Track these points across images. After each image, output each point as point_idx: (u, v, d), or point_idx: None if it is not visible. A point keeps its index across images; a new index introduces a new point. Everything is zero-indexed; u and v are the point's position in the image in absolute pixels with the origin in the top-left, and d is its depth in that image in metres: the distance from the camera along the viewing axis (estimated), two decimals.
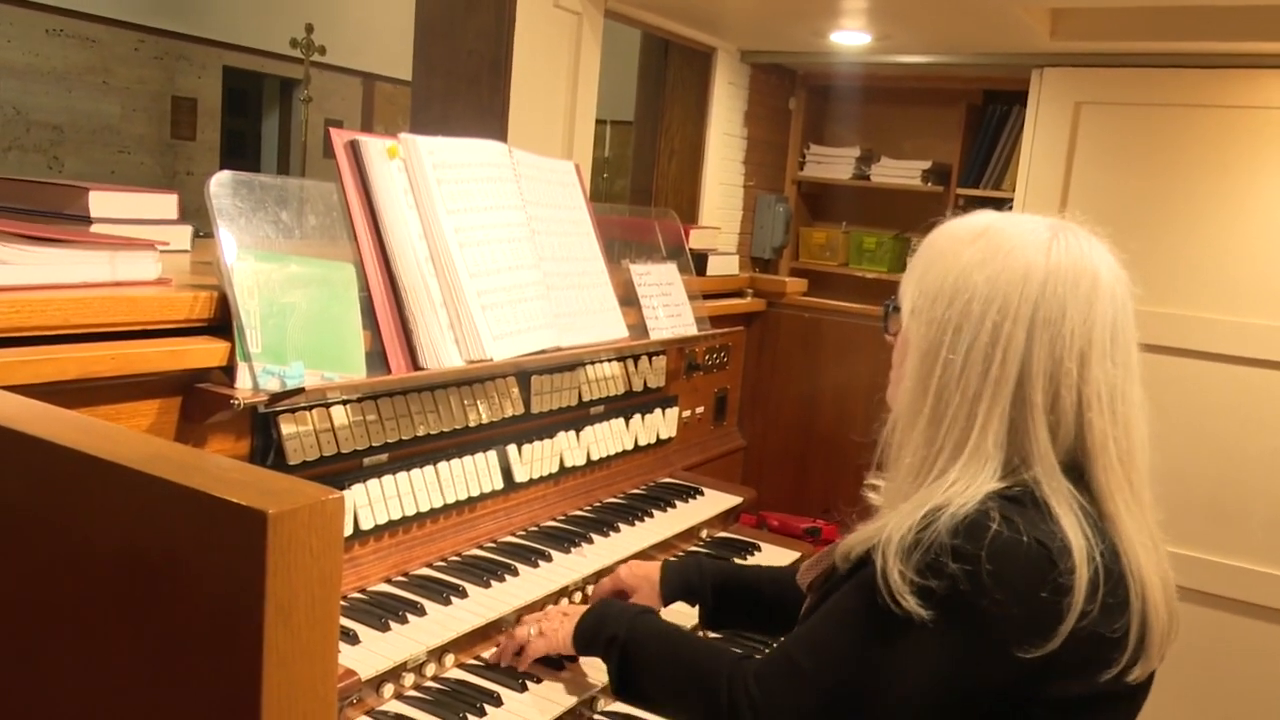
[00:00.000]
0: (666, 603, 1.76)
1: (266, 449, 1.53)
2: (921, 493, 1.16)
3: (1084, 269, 1.16)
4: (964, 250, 1.19)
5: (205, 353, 1.39)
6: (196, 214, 1.85)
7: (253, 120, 8.67)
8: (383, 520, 1.68)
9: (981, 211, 1.25)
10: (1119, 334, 1.16)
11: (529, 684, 1.57)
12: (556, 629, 1.56)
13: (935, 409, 1.17)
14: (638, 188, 4.18)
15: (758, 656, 1.29)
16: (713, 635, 1.81)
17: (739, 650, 1.69)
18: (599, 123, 3.35)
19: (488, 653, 1.66)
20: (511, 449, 1.95)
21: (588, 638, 1.51)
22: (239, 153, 8.31)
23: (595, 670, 1.58)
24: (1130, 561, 1.14)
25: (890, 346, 1.32)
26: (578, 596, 1.86)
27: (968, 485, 1.13)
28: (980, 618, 1.08)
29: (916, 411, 1.20)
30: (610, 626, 1.46)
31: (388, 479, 1.70)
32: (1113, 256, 1.21)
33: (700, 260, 2.63)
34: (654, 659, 1.39)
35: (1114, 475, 1.16)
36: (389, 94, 8.98)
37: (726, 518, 2.39)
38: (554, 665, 1.62)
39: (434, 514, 1.79)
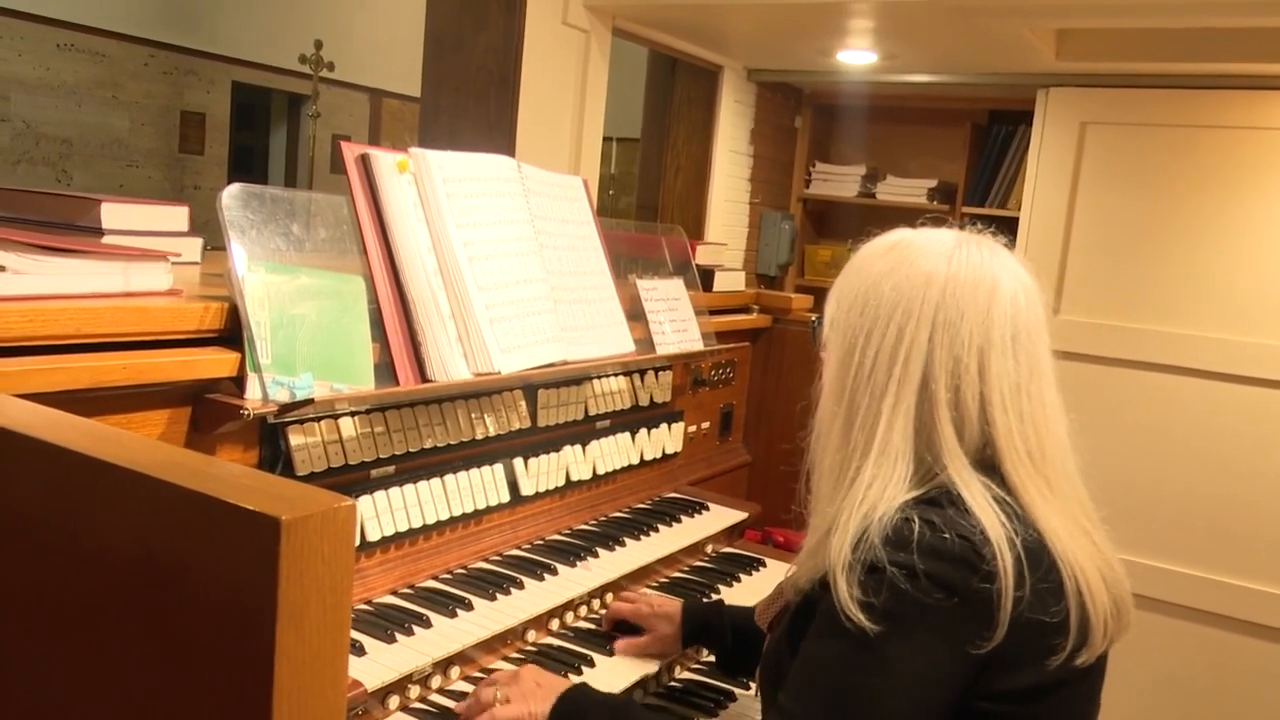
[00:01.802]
0: (685, 644, 1.76)
1: (275, 460, 1.53)
2: (844, 498, 1.21)
3: (983, 276, 1.22)
4: (875, 263, 1.28)
5: (216, 363, 1.40)
6: (204, 227, 1.86)
7: (261, 135, 8.70)
8: (389, 532, 1.69)
9: (897, 229, 1.32)
10: (1020, 335, 1.22)
11: None
12: (528, 699, 1.44)
13: (849, 411, 1.25)
14: (644, 204, 4.20)
15: None
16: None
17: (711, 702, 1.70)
18: (606, 139, 3.36)
19: (493, 665, 1.66)
20: (518, 462, 1.96)
21: None
22: (247, 167, 8.34)
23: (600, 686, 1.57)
24: (1058, 548, 1.18)
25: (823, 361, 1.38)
26: (583, 610, 1.87)
27: (884, 486, 1.19)
28: (930, 616, 1.12)
29: (833, 415, 1.27)
30: (591, 717, 1.40)
31: (394, 491, 1.70)
32: (1022, 268, 1.27)
33: (706, 276, 2.64)
34: None
35: (1023, 468, 1.21)
36: (396, 110, 9.02)
37: (731, 533, 2.39)
38: None
39: (440, 526, 1.80)
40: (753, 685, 1.82)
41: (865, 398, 1.23)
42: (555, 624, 1.80)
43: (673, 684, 1.80)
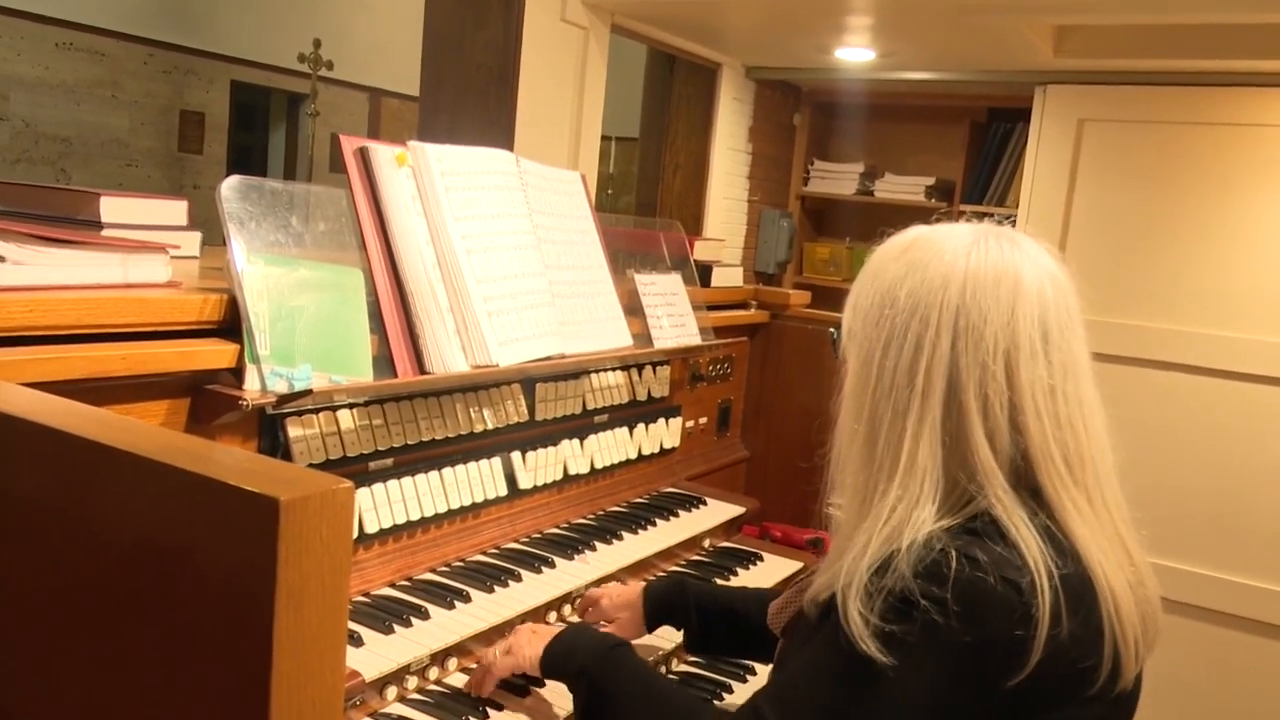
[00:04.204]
0: (651, 628, 1.72)
1: (274, 451, 1.54)
2: (868, 519, 1.14)
3: (1004, 271, 1.14)
4: (890, 267, 1.19)
5: (215, 354, 1.40)
6: (204, 225, 1.87)
7: (260, 134, 8.71)
8: (387, 524, 1.69)
9: (913, 227, 1.25)
10: (1051, 332, 1.14)
11: (533, 689, 1.57)
12: (523, 646, 1.50)
13: (870, 427, 1.17)
14: (643, 202, 4.20)
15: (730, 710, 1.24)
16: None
17: (708, 694, 1.69)
18: (604, 139, 3.37)
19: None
20: (516, 456, 1.97)
21: (557, 664, 1.46)
22: (246, 166, 8.34)
23: None
24: (1093, 569, 1.11)
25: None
26: (580, 603, 1.87)
27: (910, 507, 1.11)
28: (954, 655, 1.06)
29: (853, 433, 1.19)
30: (581, 656, 1.41)
31: (393, 483, 1.71)
32: (1049, 255, 1.19)
33: (705, 271, 2.65)
34: (623, 701, 1.35)
35: (1060, 479, 1.13)
36: (395, 109, 9.03)
37: (729, 528, 2.39)
38: (517, 691, 1.56)
39: (438, 519, 1.80)
40: (750, 678, 1.82)
41: (887, 413, 1.15)
42: (553, 617, 1.81)
43: (669, 676, 1.81)
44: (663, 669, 1.81)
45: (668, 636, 1.80)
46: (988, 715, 1.09)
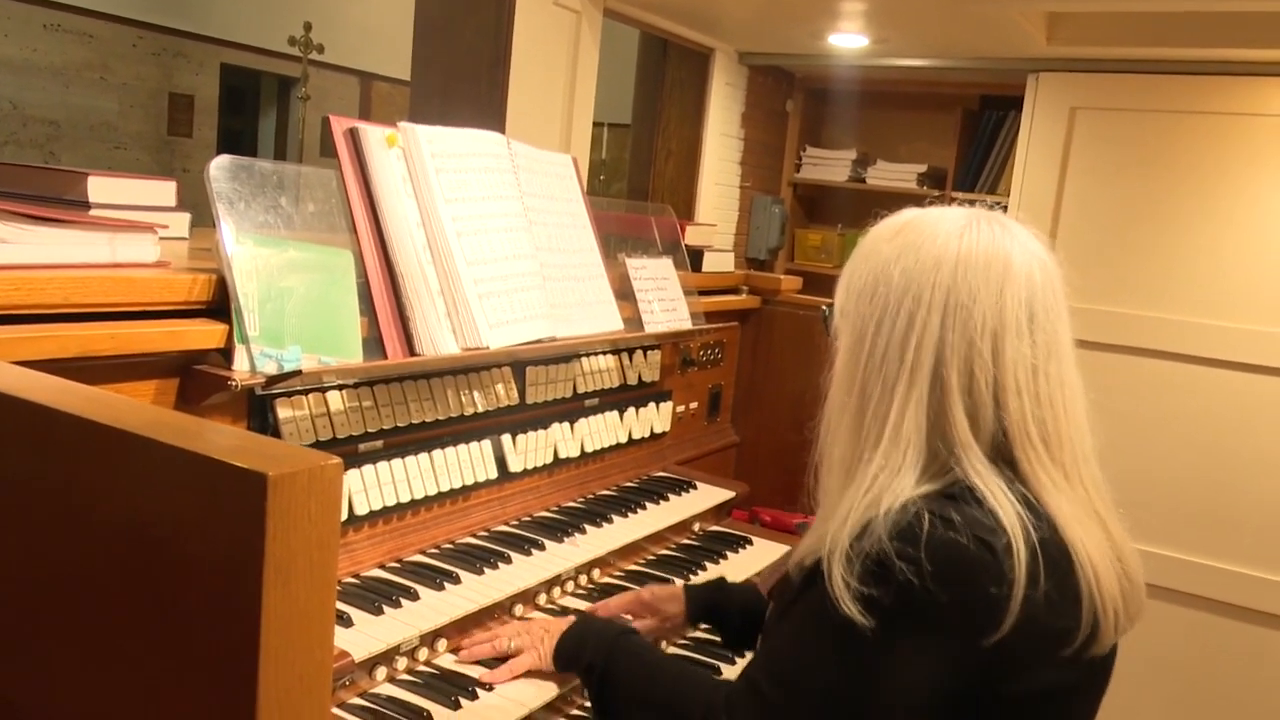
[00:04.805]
0: (694, 623, 1.77)
1: (263, 432, 1.53)
2: (851, 486, 1.18)
3: (995, 254, 1.18)
4: (884, 247, 1.23)
5: (203, 334, 1.40)
6: (193, 209, 1.86)
7: (250, 118, 8.67)
8: (377, 506, 1.69)
9: (906, 209, 1.28)
10: (1037, 314, 1.18)
11: None
12: (538, 645, 1.55)
13: (860, 401, 1.21)
14: (634, 188, 4.19)
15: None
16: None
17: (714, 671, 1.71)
18: (596, 125, 3.36)
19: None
20: (506, 439, 1.96)
21: (567, 659, 1.51)
22: (236, 150, 8.19)
23: None
24: (1069, 536, 1.14)
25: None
26: (570, 585, 1.88)
27: (892, 475, 1.15)
28: (931, 616, 1.08)
29: (843, 405, 1.24)
30: (589, 652, 1.46)
31: (383, 465, 1.70)
32: (1039, 243, 1.23)
33: (696, 256, 2.64)
34: (631, 689, 1.40)
35: (1036, 455, 1.16)
36: (386, 93, 8.99)
37: (719, 512, 2.40)
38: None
39: (428, 501, 1.80)
40: (739, 660, 1.83)
41: (877, 387, 1.19)
42: (542, 598, 1.81)
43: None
44: None
45: None
46: (966, 675, 1.11)
